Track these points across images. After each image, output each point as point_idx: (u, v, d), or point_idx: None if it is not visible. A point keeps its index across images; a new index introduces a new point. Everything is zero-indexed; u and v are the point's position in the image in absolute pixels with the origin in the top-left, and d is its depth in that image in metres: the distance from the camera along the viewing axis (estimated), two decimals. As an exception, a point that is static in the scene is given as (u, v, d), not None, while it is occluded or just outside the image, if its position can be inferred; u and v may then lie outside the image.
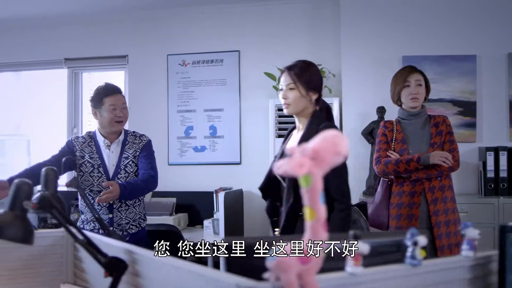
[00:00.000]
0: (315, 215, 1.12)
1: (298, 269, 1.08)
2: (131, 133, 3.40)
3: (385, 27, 4.90)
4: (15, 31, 5.90)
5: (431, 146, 3.29)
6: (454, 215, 3.27)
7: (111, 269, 1.55)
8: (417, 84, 3.38)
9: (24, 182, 1.64)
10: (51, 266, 2.05)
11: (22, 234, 1.61)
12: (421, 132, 3.38)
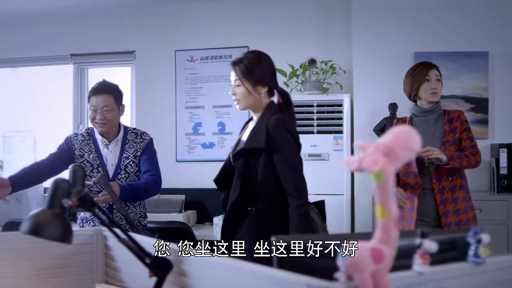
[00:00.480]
0: (387, 213, 1.09)
1: (372, 268, 1.05)
2: (131, 131, 3.28)
3: (397, 23, 4.86)
4: (21, 26, 5.83)
5: (443, 144, 3.20)
6: (466, 214, 3.18)
7: (156, 269, 1.51)
8: (437, 79, 3.34)
9: (62, 179, 1.59)
10: (81, 266, 1.99)
11: (61, 233, 1.56)
12: (434, 129, 3.31)
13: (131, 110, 5.70)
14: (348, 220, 4.77)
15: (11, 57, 5.87)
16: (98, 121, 3.08)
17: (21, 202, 5.20)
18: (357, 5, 4.96)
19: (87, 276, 2.00)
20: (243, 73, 2.64)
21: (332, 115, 4.85)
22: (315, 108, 4.84)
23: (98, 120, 3.08)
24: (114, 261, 1.97)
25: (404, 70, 4.74)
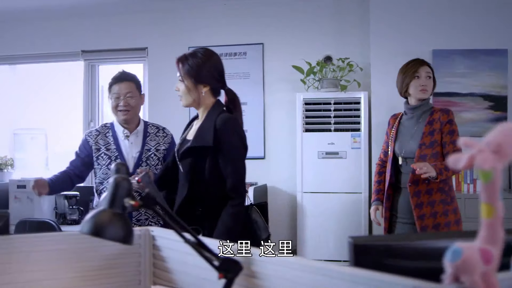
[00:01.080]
0: (493, 213, 1.05)
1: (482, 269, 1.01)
2: (151, 124, 3.26)
3: (415, 21, 4.82)
4: (32, 22, 5.76)
5: (419, 147, 3.18)
6: (446, 217, 3.12)
7: (226, 271, 1.46)
8: (427, 77, 3.31)
9: (123, 178, 1.54)
10: (128, 267, 1.94)
11: (123, 234, 1.51)
12: (415, 129, 3.28)
13: (143, 107, 5.63)
14: (366, 218, 4.74)
15: (21, 53, 5.79)
16: (121, 108, 3.06)
17: (33, 200, 5.13)
18: (375, 2, 4.92)
19: (134, 277, 1.95)
20: (185, 71, 2.65)
21: (350, 113, 4.81)
22: (332, 105, 4.80)
23: (121, 107, 3.06)
24: (164, 261, 1.92)
25: (422, 68, 4.75)
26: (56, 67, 5.91)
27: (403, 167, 3.26)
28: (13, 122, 5.74)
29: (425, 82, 3.28)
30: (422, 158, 3.13)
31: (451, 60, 4.71)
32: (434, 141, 3.16)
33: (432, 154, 3.15)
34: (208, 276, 1.73)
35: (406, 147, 3.25)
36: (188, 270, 1.84)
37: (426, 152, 3.15)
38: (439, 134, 3.17)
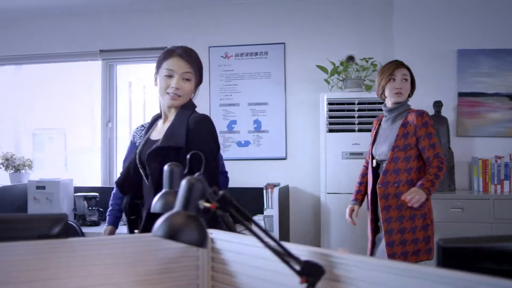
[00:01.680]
0: None
1: None
2: None
3: (439, 20, 4.79)
4: (50, 21, 5.71)
5: (391, 150, 3.15)
6: (412, 222, 3.09)
7: (308, 275, 1.41)
8: (403, 79, 3.26)
9: (197, 179, 1.49)
10: (186, 270, 1.89)
11: (198, 237, 1.46)
12: (387, 131, 3.27)
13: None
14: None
15: (39, 53, 5.73)
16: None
17: (52, 201, 5.09)
18: (399, 1, 4.87)
19: (192, 281, 1.90)
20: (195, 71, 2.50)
21: (374, 113, 4.75)
22: (356, 105, 4.75)
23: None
24: (223, 264, 1.87)
25: (447, 68, 4.73)
26: (75, 67, 5.85)
27: (381, 170, 3.23)
28: (32, 123, 5.68)
29: (400, 85, 3.24)
30: (394, 161, 3.13)
31: (476, 60, 4.67)
32: (407, 144, 3.13)
33: (405, 157, 3.13)
34: (275, 278, 1.69)
35: (380, 150, 3.24)
36: (250, 272, 1.79)
37: (398, 155, 3.13)
38: (413, 138, 3.14)
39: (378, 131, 3.35)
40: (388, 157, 3.14)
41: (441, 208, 4.27)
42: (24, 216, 1.76)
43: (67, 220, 1.74)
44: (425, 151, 3.12)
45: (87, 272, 1.72)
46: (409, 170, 3.12)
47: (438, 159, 3.10)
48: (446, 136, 4.50)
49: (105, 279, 1.76)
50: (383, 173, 3.13)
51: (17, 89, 5.88)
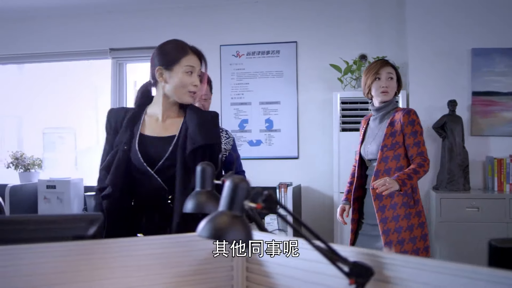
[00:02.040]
0: None
1: None
2: None
3: (453, 19, 4.74)
4: (60, 19, 5.69)
5: (380, 149, 3.13)
6: (408, 221, 3.06)
7: (357, 276, 1.38)
8: (388, 78, 3.23)
9: (242, 179, 1.46)
10: (220, 271, 1.86)
11: (244, 238, 1.43)
12: (376, 130, 3.26)
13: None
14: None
15: (49, 51, 5.70)
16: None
17: (63, 201, 5.07)
18: (410, 0, 4.84)
19: (227, 282, 1.88)
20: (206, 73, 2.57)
21: (387, 112, 4.74)
22: (369, 105, 4.71)
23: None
24: (259, 265, 1.84)
25: (461, 67, 4.70)
26: (84, 66, 5.82)
27: (369, 169, 3.24)
28: (42, 122, 5.65)
29: (386, 84, 3.21)
30: (384, 161, 3.10)
31: (491, 58, 4.64)
32: (395, 143, 3.11)
33: (394, 156, 3.11)
34: (316, 279, 1.66)
35: (369, 149, 3.22)
36: (287, 272, 1.77)
37: (388, 154, 3.11)
38: (400, 136, 3.12)
39: (367, 131, 3.34)
40: (377, 157, 3.12)
41: (456, 207, 4.25)
42: (59, 216, 1.72)
43: (102, 220, 1.71)
44: (409, 149, 3.12)
45: (121, 274, 1.69)
46: (400, 168, 3.09)
47: (421, 157, 3.10)
48: (461, 135, 4.47)
49: (139, 281, 1.73)
50: (374, 173, 3.10)
51: (27, 88, 5.85)
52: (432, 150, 4.71)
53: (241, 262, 1.89)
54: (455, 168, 4.43)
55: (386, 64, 3.28)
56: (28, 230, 1.62)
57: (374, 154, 3.16)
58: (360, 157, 3.31)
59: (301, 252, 1.73)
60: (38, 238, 1.60)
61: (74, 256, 1.59)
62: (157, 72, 2.37)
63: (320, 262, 1.65)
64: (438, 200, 4.27)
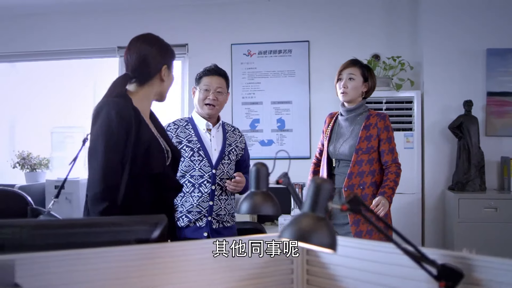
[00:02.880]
0: None
1: None
2: (226, 123, 3.25)
3: (468, 19, 4.73)
4: (68, 17, 5.60)
5: (355, 152, 3.10)
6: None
7: (447, 279, 1.35)
8: (349, 78, 3.18)
9: (325, 180, 1.41)
10: (280, 274, 1.82)
11: (329, 240, 1.38)
12: (347, 132, 3.21)
13: (182, 105, 5.50)
14: (419, 219, 4.66)
15: (57, 49, 5.61)
16: (209, 102, 3.03)
17: (72, 201, 4.98)
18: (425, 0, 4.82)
19: (287, 286, 1.83)
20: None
21: (402, 112, 4.72)
22: (384, 105, 4.71)
23: (209, 101, 3.03)
24: (320, 267, 1.80)
25: (476, 67, 4.69)
26: (93, 63, 5.73)
27: (337, 169, 3.19)
28: (51, 121, 5.55)
29: (345, 84, 3.18)
30: (358, 164, 3.07)
31: (506, 59, 4.64)
32: (371, 147, 3.09)
33: (368, 160, 3.09)
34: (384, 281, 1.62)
35: (340, 150, 3.17)
36: (350, 274, 1.73)
37: (362, 157, 3.09)
38: (376, 140, 3.11)
39: (334, 129, 3.28)
40: (352, 160, 3.08)
41: (473, 208, 4.24)
42: (121, 219, 1.66)
43: (166, 223, 1.65)
44: (383, 155, 3.12)
45: (185, 279, 1.64)
46: (373, 172, 3.09)
47: (396, 164, 3.12)
48: (477, 135, 4.46)
49: (202, 285, 1.68)
50: (348, 176, 3.08)
51: (33, 86, 5.75)
52: (447, 150, 4.71)
53: (301, 265, 1.85)
54: (472, 169, 4.42)
55: (349, 65, 3.24)
56: (88, 233, 1.55)
57: (346, 155, 3.13)
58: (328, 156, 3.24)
59: (369, 254, 1.69)
60: (99, 242, 1.53)
61: (137, 261, 1.53)
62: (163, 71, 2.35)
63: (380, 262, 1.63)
64: (456, 201, 4.26)
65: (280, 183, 2.09)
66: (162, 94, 2.40)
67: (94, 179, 2.08)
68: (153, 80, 2.33)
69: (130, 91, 2.30)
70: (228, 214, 3.08)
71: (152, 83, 2.33)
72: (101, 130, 2.11)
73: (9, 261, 1.33)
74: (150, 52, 2.35)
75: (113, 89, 2.24)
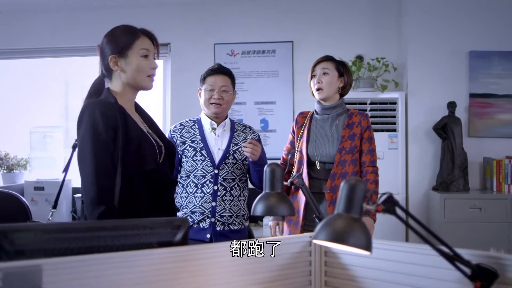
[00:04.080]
0: None
1: None
2: (238, 123, 3.18)
3: (451, 22, 4.79)
4: (46, 14, 5.46)
5: (338, 152, 2.95)
6: None
7: (482, 280, 1.34)
8: (323, 73, 3.05)
9: (359, 180, 1.40)
10: (299, 276, 1.80)
11: (365, 241, 1.37)
12: (329, 132, 3.05)
13: (164, 106, 5.43)
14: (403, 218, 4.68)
15: (37, 47, 5.47)
16: (215, 101, 3.00)
17: (51, 203, 4.84)
18: (409, 1, 4.86)
19: (305, 287, 1.81)
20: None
21: (386, 113, 4.75)
22: (368, 105, 4.73)
23: (214, 100, 2.99)
24: (339, 268, 1.78)
25: (459, 69, 4.77)
26: (72, 62, 5.61)
27: (319, 171, 3.00)
28: (30, 120, 5.40)
29: (319, 79, 3.04)
30: (341, 164, 2.94)
31: (489, 61, 4.72)
32: (354, 146, 2.97)
33: (352, 160, 2.96)
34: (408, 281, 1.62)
35: (323, 151, 3.00)
36: (368, 275, 1.72)
37: (346, 157, 2.95)
38: (359, 140, 2.98)
39: (311, 130, 3.12)
40: (335, 160, 2.95)
41: (459, 208, 4.30)
42: (146, 221, 1.61)
43: (188, 226, 1.61)
44: (362, 154, 2.99)
45: (206, 282, 1.60)
46: (356, 173, 2.96)
47: (373, 167, 2.98)
48: (460, 136, 4.52)
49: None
50: (330, 177, 2.93)
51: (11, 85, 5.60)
52: (431, 150, 4.76)
53: (319, 266, 1.83)
54: (456, 169, 4.48)
55: (322, 60, 3.12)
56: (110, 237, 1.49)
57: (330, 157, 2.98)
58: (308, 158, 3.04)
59: (391, 254, 1.68)
60: (121, 245, 1.49)
61: (160, 264, 1.49)
62: (111, 62, 2.20)
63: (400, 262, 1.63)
64: (442, 201, 4.31)
65: (294, 184, 2.07)
66: (134, 83, 2.22)
67: (87, 184, 2.00)
68: (114, 73, 2.21)
69: (111, 89, 2.23)
70: (234, 216, 2.98)
71: (115, 76, 2.21)
72: (87, 132, 2.02)
73: (36, 266, 1.27)
74: (103, 43, 2.27)
75: (91, 89, 2.20)
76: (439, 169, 4.62)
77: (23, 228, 1.39)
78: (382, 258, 1.70)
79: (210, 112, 3.04)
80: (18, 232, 1.36)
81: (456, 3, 4.79)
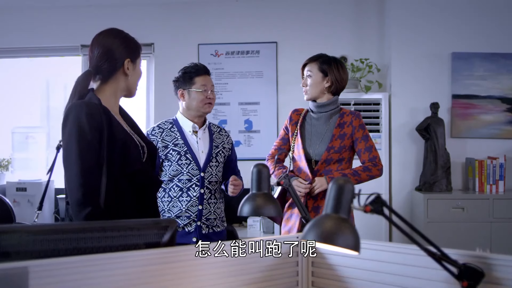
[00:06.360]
0: None
1: None
2: (212, 124, 3.20)
3: (434, 23, 4.84)
4: (27, 13, 5.39)
5: (327, 150, 2.96)
6: None
7: (469, 279, 1.36)
8: (307, 75, 3.11)
9: (347, 180, 1.40)
10: (285, 277, 1.80)
11: (353, 241, 1.37)
12: (323, 130, 3.05)
13: (147, 106, 5.40)
14: (386, 221, 4.71)
15: (17, 46, 5.40)
16: (209, 100, 3.06)
17: (33, 204, 4.81)
18: (393, 3, 4.89)
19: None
20: None
21: (370, 114, 4.77)
22: (352, 106, 4.75)
23: (208, 100, 3.05)
24: (326, 269, 1.79)
25: (442, 70, 4.80)
26: (54, 62, 5.55)
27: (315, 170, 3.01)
28: (11, 120, 5.34)
29: (304, 83, 3.12)
30: (326, 162, 2.96)
31: (471, 63, 4.76)
32: (342, 146, 2.97)
33: (338, 159, 2.98)
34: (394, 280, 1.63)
35: (316, 150, 3.02)
36: (355, 275, 1.72)
37: (333, 156, 2.96)
38: (349, 140, 2.99)
39: (305, 128, 3.11)
40: (321, 158, 2.97)
41: (442, 208, 4.34)
42: (133, 222, 1.60)
43: (175, 227, 1.60)
44: (360, 154, 2.99)
45: (193, 284, 1.60)
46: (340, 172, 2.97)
47: (373, 162, 2.96)
48: (443, 137, 4.56)
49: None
50: (313, 173, 2.97)
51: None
52: (414, 151, 4.79)
53: (306, 267, 1.83)
54: (438, 169, 4.51)
55: (307, 63, 3.15)
56: (96, 238, 1.48)
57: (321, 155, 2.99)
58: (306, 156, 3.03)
59: (369, 253, 1.69)
60: (108, 247, 1.47)
61: (145, 266, 1.48)
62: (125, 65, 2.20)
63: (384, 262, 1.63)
64: (425, 201, 4.34)
65: (281, 184, 2.07)
66: (130, 89, 2.25)
67: (72, 185, 1.96)
68: (117, 75, 2.20)
69: (96, 89, 2.19)
70: (218, 219, 3.05)
71: (116, 78, 2.20)
72: (72, 134, 1.99)
73: (22, 268, 1.26)
74: (113, 44, 2.21)
75: (77, 88, 2.14)
76: (422, 169, 4.66)
77: (9, 229, 1.38)
78: (369, 258, 1.70)
79: (203, 112, 3.05)
80: (4, 234, 1.34)
81: (438, 5, 4.83)
